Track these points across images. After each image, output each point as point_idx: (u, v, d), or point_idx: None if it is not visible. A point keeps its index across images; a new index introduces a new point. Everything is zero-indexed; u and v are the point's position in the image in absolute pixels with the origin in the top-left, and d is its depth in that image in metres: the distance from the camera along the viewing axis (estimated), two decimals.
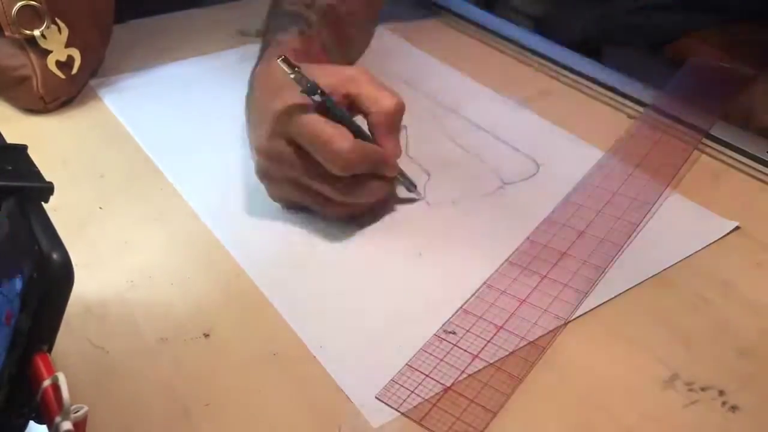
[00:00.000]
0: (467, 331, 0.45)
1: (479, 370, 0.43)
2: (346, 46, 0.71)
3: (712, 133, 0.64)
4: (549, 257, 0.51)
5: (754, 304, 0.48)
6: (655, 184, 0.58)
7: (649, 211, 0.55)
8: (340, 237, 0.53)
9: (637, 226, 0.53)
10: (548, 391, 0.42)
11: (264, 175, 0.54)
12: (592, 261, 0.50)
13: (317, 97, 0.49)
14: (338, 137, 0.49)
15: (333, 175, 0.50)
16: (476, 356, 0.44)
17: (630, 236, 0.52)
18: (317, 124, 0.49)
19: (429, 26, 0.88)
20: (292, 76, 0.49)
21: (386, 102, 0.52)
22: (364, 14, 0.74)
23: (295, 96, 0.50)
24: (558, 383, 0.42)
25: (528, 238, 0.53)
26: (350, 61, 0.73)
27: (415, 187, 0.57)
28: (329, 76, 0.52)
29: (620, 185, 0.58)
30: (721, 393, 0.41)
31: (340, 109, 0.51)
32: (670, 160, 0.61)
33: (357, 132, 0.51)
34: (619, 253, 0.51)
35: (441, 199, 0.57)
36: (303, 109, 0.49)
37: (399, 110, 0.53)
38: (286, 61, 0.49)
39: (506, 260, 0.51)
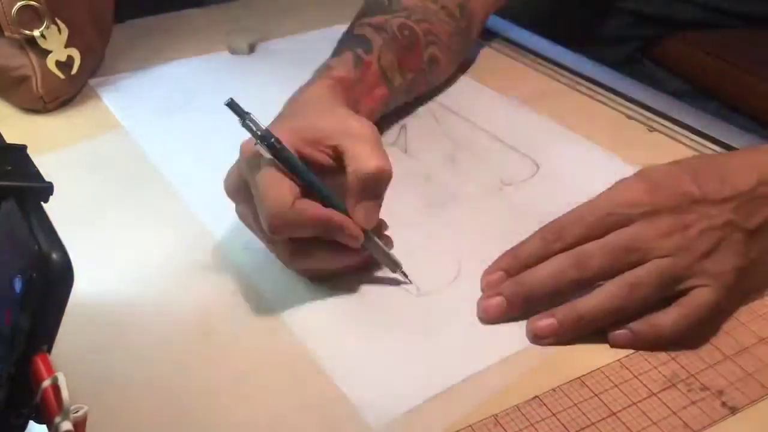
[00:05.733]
0: None
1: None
2: (422, 69, 0.66)
3: (712, 134, 0.64)
4: None
5: (753, 305, 0.48)
6: None
7: None
8: None
9: None
10: (546, 389, 0.42)
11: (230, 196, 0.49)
12: None
13: (265, 148, 0.44)
14: (272, 193, 0.43)
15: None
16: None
17: None
18: (263, 175, 0.44)
19: None
20: (240, 123, 0.44)
21: (367, 163, 0.45)
22: (449, 31, 0.68)
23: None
24: (557, 382, 0.42)
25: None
26: (428, 84, 0.69)
27: (400, 268, 0.48)
28: (323, 124, 0.47)
29: None
30: (721, 393, 0.41)
31: (300, 164, 0.45)
32: None
33: (322, 193, 0.45)
34: None
35: (440, 200, 0.57)
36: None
37: (379, 176, 0.45)
38: (231, 105, 0.44)
39: None
